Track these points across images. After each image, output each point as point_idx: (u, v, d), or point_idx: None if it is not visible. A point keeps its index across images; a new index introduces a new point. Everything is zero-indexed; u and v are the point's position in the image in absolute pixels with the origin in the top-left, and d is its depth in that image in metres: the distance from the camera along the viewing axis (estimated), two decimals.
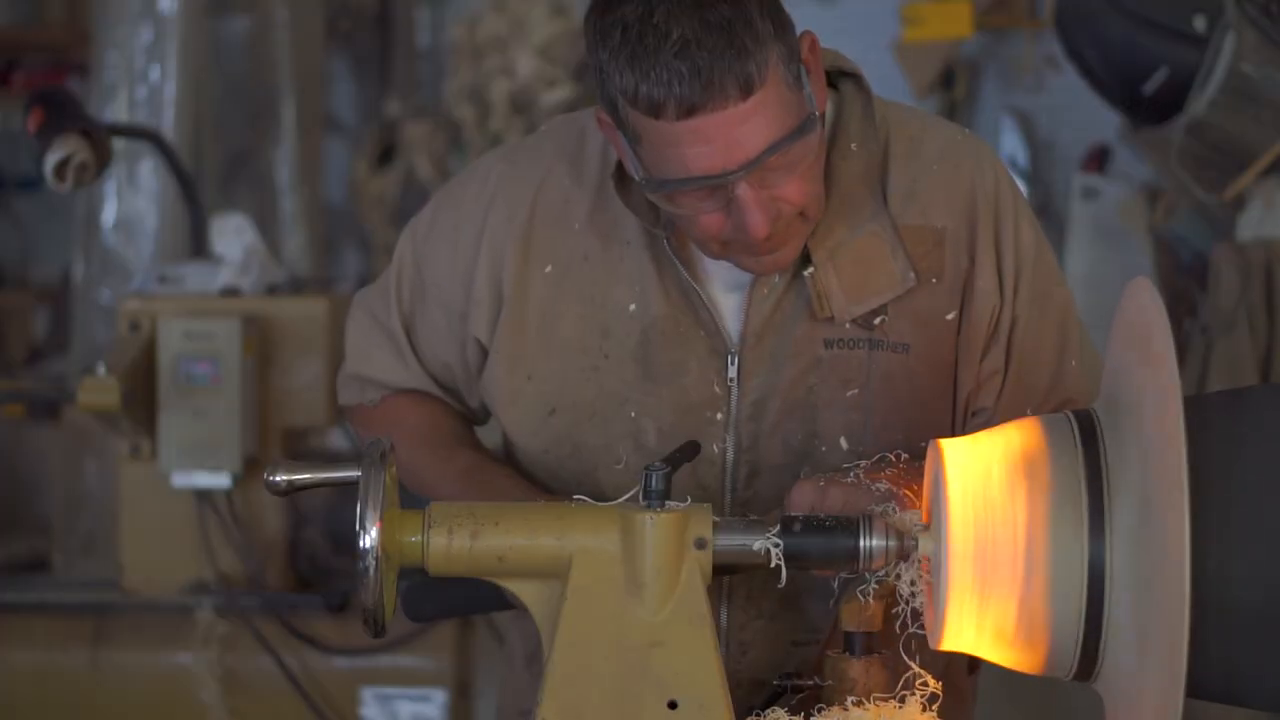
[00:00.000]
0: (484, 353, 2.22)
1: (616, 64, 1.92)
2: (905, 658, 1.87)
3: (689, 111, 1.90)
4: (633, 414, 2.15)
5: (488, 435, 2.35)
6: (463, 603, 2.19)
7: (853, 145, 2.11)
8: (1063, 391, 2.15)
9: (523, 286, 2.18)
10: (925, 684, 1.89)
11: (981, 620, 1.77)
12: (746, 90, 1.90)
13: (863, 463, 2.02)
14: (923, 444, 2.01)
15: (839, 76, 2.14)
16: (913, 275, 2.10)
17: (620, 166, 2.12)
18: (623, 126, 1.98)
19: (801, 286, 2.11)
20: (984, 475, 1.75)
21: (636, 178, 2.02)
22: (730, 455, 2.13)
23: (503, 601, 2.07)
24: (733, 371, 2.12)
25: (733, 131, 1.91)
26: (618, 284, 2.15)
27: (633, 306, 2.15)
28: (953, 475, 1.77)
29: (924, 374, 2.12)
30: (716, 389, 2.13)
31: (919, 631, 1.86)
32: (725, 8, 1.90)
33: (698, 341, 2.13)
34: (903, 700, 1.90)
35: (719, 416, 2.13)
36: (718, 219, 1.99)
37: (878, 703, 1.91)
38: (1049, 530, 1.72)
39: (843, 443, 2.12)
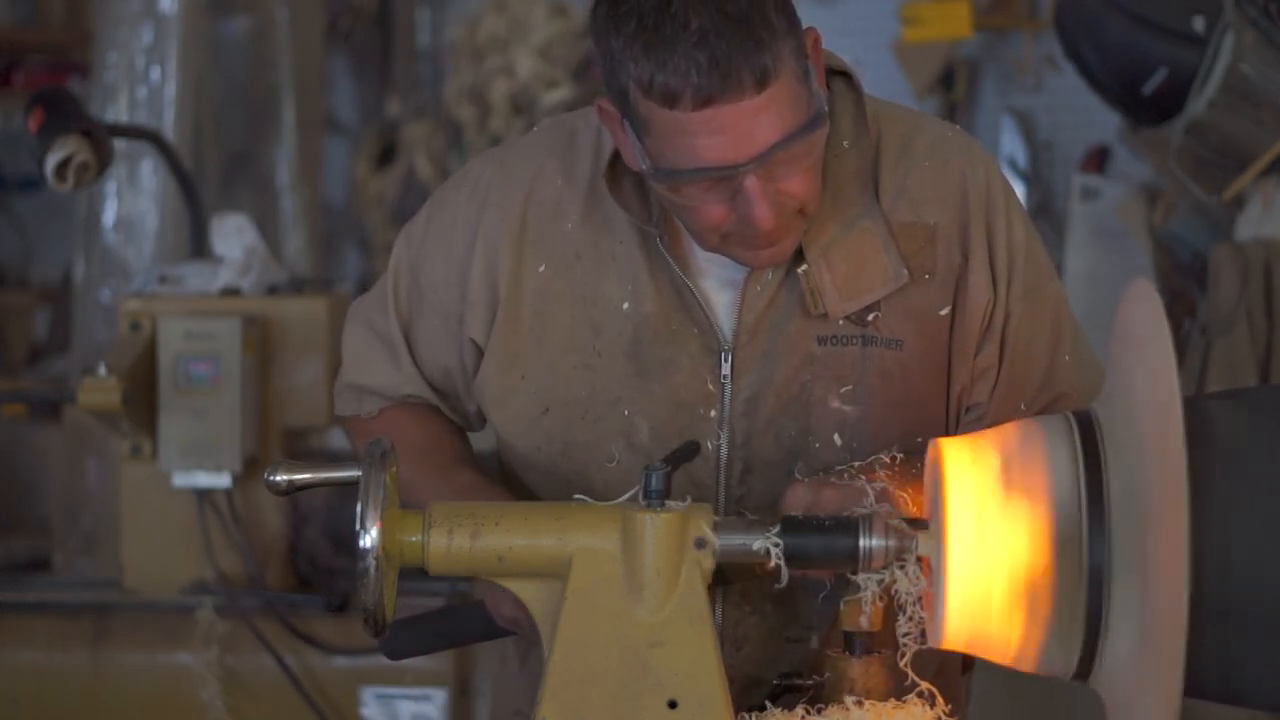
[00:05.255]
0: (480, 354, 2.21)
1: (631, 52, 1.92)
2: (909, 671, 1.88)
3: (705, 102, 1.91)
4: (625, 412, 2.14)
5: (482, 443, 2.35)
6: (445, 637, 2.20)
7: (844, 143, 2.12)
8: (1056, 386, 2.16)
9: (517, 286, 2.17)
10: (933, 700, 1.90)
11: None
12: (762, 83, 1.91)
13: (856, 463, 2.02)
14: (919, 439, 2.01)
15: (830, 75, 2.14)
16: (905, 272, 2.10)
17: (613, 163, 2.12)
18: (630, 116, 1.98)
19: (794, 283, 2.11)
20: (984, 591, 1.77)
21: (643, 167, 2.01)
22: (724, 452, 2.13)
23: (488, 631, 2.08)
24: (726, 369, 2.12)
25: (746, 123, 1.92)
26: (610, 282, 2.15)
27: (625, 304, 2.15)
28: (954, 575, 1.78)
29: (918, 370, 2.12)
30: (709, 386, 2.13)
31: (918, 642, 1.87)
32: (743, 0, 1.90)
33: (690, 339, 2.13)
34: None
35: (712, 414, 2.13)
36: (721, 210, 1.99)
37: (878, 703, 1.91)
38: (1040, 654, 1.76)
39: (836, 439, 2.12)
